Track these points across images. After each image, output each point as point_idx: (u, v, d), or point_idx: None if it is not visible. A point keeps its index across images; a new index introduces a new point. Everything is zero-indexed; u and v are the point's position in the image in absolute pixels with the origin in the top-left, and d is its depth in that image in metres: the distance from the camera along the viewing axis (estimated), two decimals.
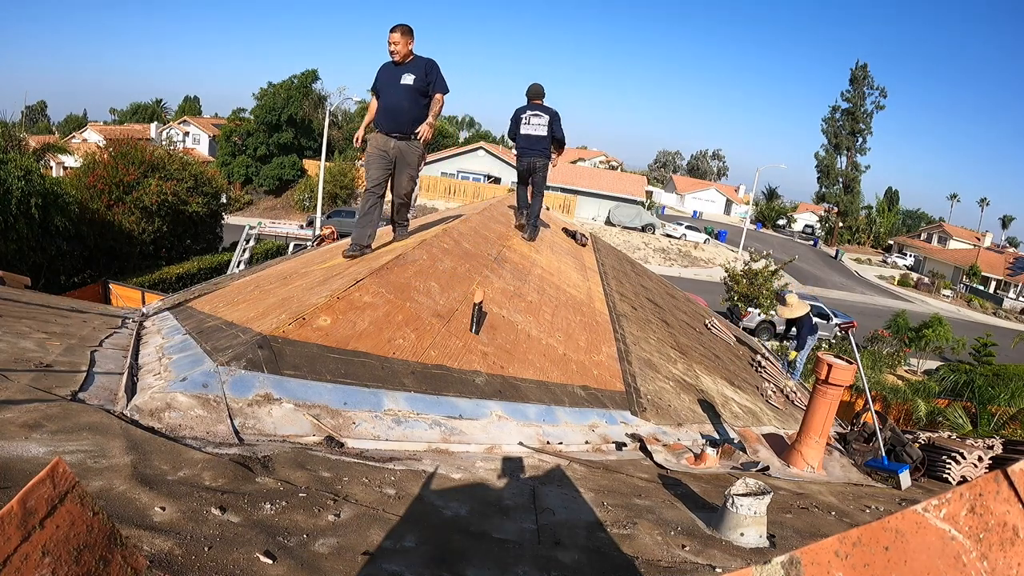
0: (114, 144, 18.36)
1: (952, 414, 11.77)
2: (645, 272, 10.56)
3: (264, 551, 1.23)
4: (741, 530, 1.77)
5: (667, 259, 33.33)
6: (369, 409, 2.29)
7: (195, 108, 70.63)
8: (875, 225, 62.51)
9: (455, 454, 2.24)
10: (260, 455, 1.73)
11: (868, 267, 50.14)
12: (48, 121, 78.01)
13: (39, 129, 63.12)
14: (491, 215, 7.43)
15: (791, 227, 66.78)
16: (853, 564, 0.52)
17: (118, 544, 0.78)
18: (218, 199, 21.15)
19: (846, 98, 54.90)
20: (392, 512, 1.56)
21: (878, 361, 18.17)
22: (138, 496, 1.33)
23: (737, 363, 6.29)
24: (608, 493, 2.07)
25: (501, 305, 3.96)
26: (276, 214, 35.25)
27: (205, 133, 51.89)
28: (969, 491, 0.54)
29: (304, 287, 3.74)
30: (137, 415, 1.85)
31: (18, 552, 0.63)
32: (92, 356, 2.47)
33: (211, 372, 2.14)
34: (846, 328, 4.20)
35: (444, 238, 4.89)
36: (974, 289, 44.83)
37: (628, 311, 5.80)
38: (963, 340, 23.12)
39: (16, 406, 1.68)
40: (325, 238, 10.50)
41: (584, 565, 1.47)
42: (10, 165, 12.75)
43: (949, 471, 3.75)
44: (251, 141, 38.90)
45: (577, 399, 3.20)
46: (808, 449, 3.33)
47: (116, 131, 34.88)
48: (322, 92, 40.37)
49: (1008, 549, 0.52)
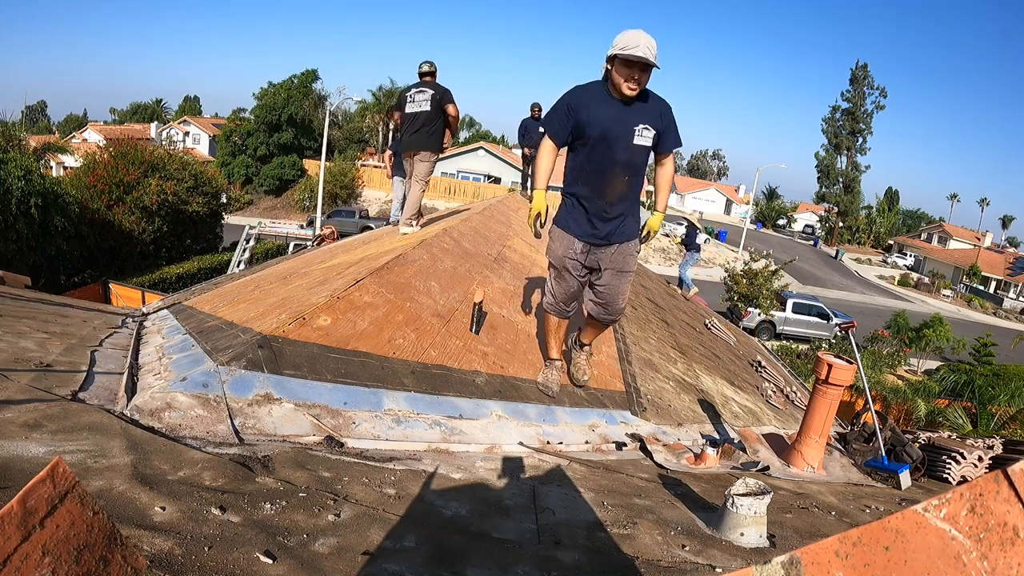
0: (114, 144, 18.37)
1: (952, 414, 11.78)
2: (645, 272, 10.57)
3: (264, 551, 1.23)
4: (741, 530, 1.76)
5: (667, 259, 33.34)
6: (369, 409, 2.29)
7: (195, 108, 70.65)
8: (875, 225, 62.52)
9: (455, 454, 2.24)
10: (260, 455, 1.73)
11: (868, 267, 50.12)
12: (48, 121, 78.04)
13: (39, 129, 63.13)
14: (491, 215, 7.43)
15: (791, 227, 66.78)
16: (853, 564, 0.52)
17: (118, 544, 0.78)
18: (218, 199, 21.16)
19: (846, 98, 54.89)
20: (392, 512, 1.56)
21: (878, 361, 18.17)
22: (138, 496, 1.33)
23: (737, 363, 6.29)
24: (608, 493, 2.07)
25: (501, 305, 3.96)
26: (276, 214, 35.25)
27: (205, 133, 51.88)
28: (969, 491, 0.54)
29: (304, 287, 3.74)
30: (137, 415, 1.85)
31: (18, 552, 0.63)
32: (92, 356, 2.47)
33: (211, 372, 2.14)
34: (846, 328, 4.20)
35: (444, 238, 4.89)
36: (974, 289, 44.81)
37: (628, 311, 5.80)
38: (963, 340, 23.12)
39: (16, 406, 1.68)
40: (325, 238, 10.50)
41: (584, 565, 1.47)
42: (10, 165, 12.75)
43: (949, 471, 3.75)
44: (251, 141, 38.90)
45: (577, 399, 3.20)
46: (808, 449, 3.33)
47: (116, 131, 34.91)
48: (322, 92, 40.41)
49: (1008, 549, 0.52)
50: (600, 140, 2.74)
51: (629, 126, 2.74)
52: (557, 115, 2.80)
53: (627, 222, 2.93)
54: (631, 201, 2.94)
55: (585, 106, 2.75)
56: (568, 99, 2.80)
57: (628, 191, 2.88)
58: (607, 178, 2.83)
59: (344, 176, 36.49)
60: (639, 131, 2.75)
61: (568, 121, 2.77)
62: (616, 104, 2.73)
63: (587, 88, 2.82)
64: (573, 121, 2.76)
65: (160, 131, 47.52)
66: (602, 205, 2.86)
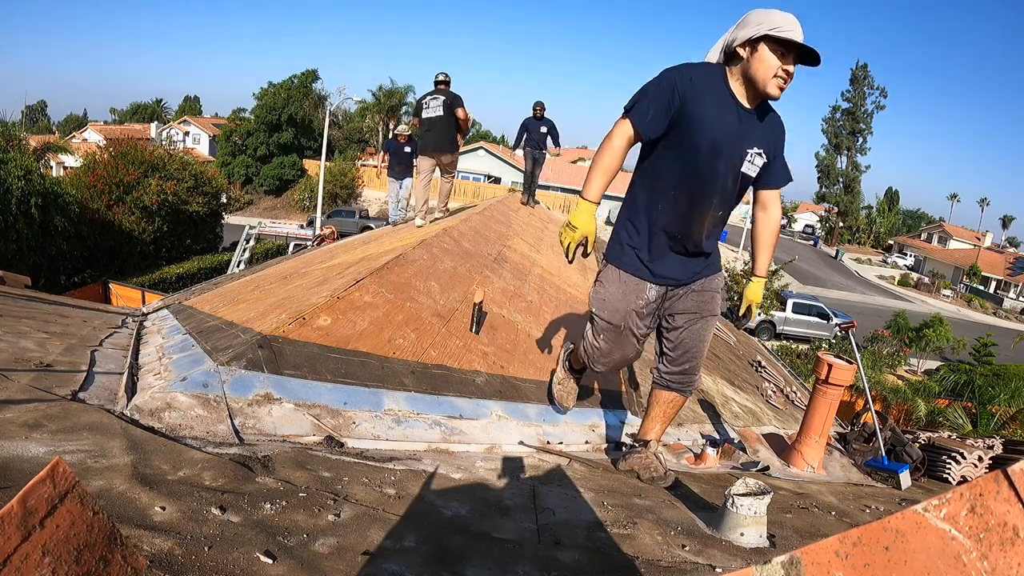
0: (114, 144, 18.38)
1: (952, 414, 11.78)
2: None
3: (264, 551, 1.23)
4: (741, 530, 1.76)
5: None
6: (369, 409, 2.29)
7: (195, 108, 70.67)
8: (875, 225, 62.53)
9: (455, 454, 2.24)
10: (260, 455, 1.73)
11: (868, 267, 50.13)
12: (48, 121, 78.09)
13: (39, 129, 63.17)
14: (491, 215, 7.43)
15: (791, 227, 66.79)
16: (853, 564, 0.52)
17: (118, 544, 0.78)
18: (218, 199, 21.17)
19: (846, 98, 54.91)
20: (392, 512, 1.56)
21: (878, 361, 18.18)
22: (138, 496, 1.33)
23: (737, 363, 6.29)
24: (608, 493, 2.07)
25: (501, 305, 3.96)
26: (276, 214, 35.25)
27: (205, 133, 51.86)
28: (969, 491, 0.54)
29: (304, 287, 3.74)
30: (137, 415, 1.85)
31: (18, 552, 0.63)
32: (92, 356, 2.47)
33: (211, 372, 2.14)
34: (846, 328, 4.19)
35: (444, 238, 4.89)
36: (974, 289, 44.82)
37: None
38: (963, 340, 23.12)
39: (16, 406, 1.68)
40: (325, 238, 10.51)
41: (584, 565, 1.47)
42: (10, 165, 12.76)
43: (949, 471, 3.75)
44: (251, 141, 38.89)
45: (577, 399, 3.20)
46: (808, 449, 3.33)
47: (116, 131, 34.91)
48: (322, 92, 40.39)
49: (1008, 549, 0.52)
50: (708, 153, 1.93)
51: (743, 146, 1.97)
52: (656, 96, 1.92)
53: (714, 257, 2.22)
54: (716, 240, 2.21)
55: (700, 98, 1.91)
56: (677, 78, 1.92)
57: (716, 231, 2.14)
58: (701, 208, 2.02)
59: (344, 176, 36.48)
60: (751, 156, 1.99)
61: (671, 108, 1.91)
62: (736, 109, 1.95)
63: (705, 72, 1.96)
64: (676, 111, 1.92)
65: (160, 131, 47.49)
66: (690, 241, 2.08)
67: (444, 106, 6.45)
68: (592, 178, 2.01)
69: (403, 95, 43.44)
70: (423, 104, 6.59)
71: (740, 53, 1.90)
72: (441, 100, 6.47)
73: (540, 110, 9.06)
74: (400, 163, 8.83)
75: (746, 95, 1.95)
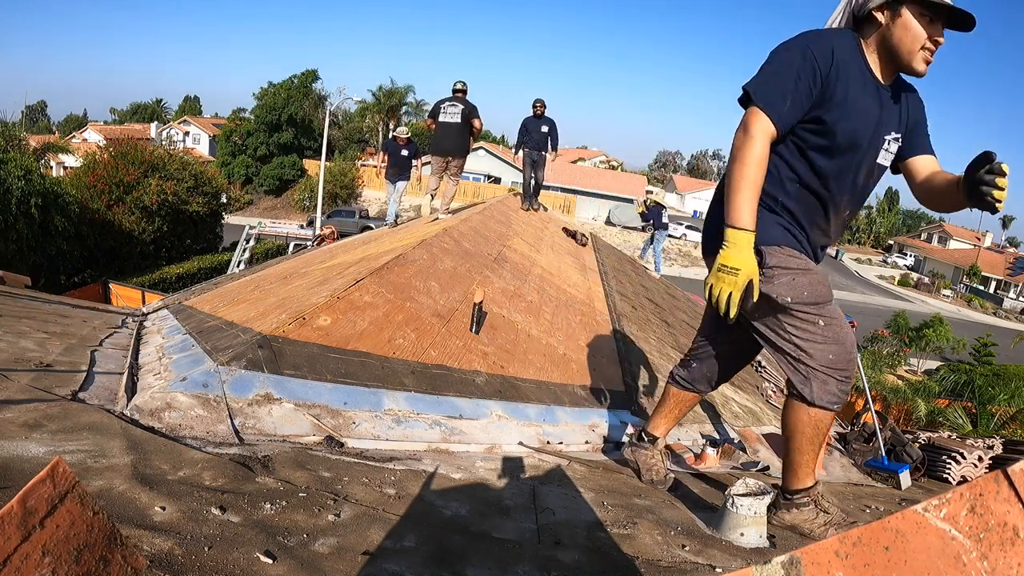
0: (114, 144, 18.39)
1: (952, 414, 11.78)
2: (645, 272, 10.57)
3: (264, 551, 1.23)
4: (741, 530, 1.76)
5: (667, 259, 33.34)
6: (369, 409, 2.29)
7: (195, 108, 70.67)
8: (875, 225, 62.55)
9: (455, 454, 2.24)
10: (260, 455, 1.73)
11: (868, 267, 50.15)
12: (48, 121, 78.14)
13: (39, 129, 63.22)
14: (491, 215, 7.43)
15: None
16: (853, 564, 0.52)
17: (118, 544, 0.78)
18: (218, 199, 21.18)
19: None
20: (392, 512, 1.56)
21: (878, 361, 18.18)
22: (138, 496, 1.33)
23: None
24: (608, 493, 2.07)
25: (501, 305, 3.96)
26: (276, 214, 35.26)
27: (205, 133, 51.89)
28: (969, 491, 0.54)
29: (304, 287, 3.74)
30: (137, 415, 1.85)
31: (18, 552, 0.63)
32: (92, 356, 2.48)
33: (211, 372, 2.14)
34: None
35: (444, 238, 4.89)
36: (974, 289, 44.85)
37: (628, 311, 5.80)
38: (963, 340, 23.14)
39: (16, 406, 1.68)
40: (325, 238, 10.51)
41: (584, 565, 1.47)
42: (10, 165, 12.76)
43: (949, 471, 3.75)
44: (251, 141, 38.91)
45: (577, 399, 3.20)
46: None
47: (116, 131, 34.91)
48: (322, 92, 40.45)
49: (1008, 549, 0.52)
50: (847, 146, 1.60)
51: (881, 133, 1.64)
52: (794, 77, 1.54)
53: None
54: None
55: (844, 77, 1.55)
56: (818, 52, 1.54)
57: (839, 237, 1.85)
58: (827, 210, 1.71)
59: (344, 176, 36.49)
60: (888, 143, 1.67)
61: (812, 93, 1.55)
62: (877, 88, 1.61)
63: (843, 42, 1.58)
64: (818, 95, 1.55)
65: (160, 131, 47.55)
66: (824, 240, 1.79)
67: (462, 115, 7.03)
68: (739, 201, 1.54)
69: (403, 95, 43.48)
70: (441, 109, 7.14)
71: (878, 18, 1.56)
72: (460, 108, 7.04)
73: (540, 108, 8.75)
74: (396, 165, 8.71)
75: (882, 70, 1.60)
